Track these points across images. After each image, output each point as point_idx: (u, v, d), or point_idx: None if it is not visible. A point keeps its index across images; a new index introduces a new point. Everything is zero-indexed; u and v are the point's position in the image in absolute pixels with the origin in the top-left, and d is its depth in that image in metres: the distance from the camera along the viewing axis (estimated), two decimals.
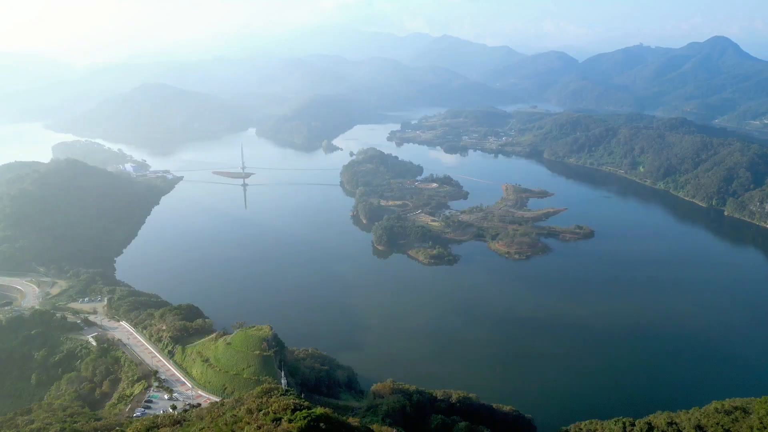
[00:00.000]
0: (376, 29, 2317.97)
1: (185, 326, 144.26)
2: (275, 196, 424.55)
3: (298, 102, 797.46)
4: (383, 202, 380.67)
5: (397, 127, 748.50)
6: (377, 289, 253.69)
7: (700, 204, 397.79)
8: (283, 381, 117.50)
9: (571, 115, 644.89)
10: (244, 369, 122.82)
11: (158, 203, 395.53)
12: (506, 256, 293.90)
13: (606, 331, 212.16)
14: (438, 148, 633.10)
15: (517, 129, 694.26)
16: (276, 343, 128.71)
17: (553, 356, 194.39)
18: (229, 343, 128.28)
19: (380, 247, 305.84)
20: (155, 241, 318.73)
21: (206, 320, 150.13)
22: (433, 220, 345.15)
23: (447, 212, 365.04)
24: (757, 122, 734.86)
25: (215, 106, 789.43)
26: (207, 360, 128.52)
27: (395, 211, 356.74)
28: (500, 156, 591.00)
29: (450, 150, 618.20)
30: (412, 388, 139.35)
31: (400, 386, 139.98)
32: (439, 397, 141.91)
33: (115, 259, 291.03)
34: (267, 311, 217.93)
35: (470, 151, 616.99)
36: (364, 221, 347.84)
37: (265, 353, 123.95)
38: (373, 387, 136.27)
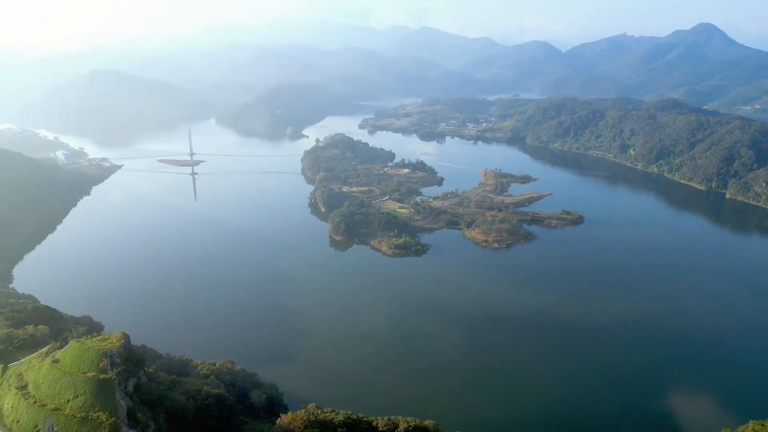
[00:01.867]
0: (353, 22, 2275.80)
1: (10, 336, 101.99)
2: (230, 186, 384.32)
3: (262, 89, 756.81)
4: (345, 189, 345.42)
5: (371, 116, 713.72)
6: (327, 286, 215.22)
7: (698, 187, 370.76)
8: (123, 416, 77.26)
9: (554, 99, 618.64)
10: (69, 400, 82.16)
11: (88, 194, 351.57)
12: (483, 245, 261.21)
13: (603, 331, 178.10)
14: (413, 135, 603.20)
15: (498, 115, 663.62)
16: (127, 360, 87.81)
17: (538, 363, 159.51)
18: (56, 361, 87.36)
19: (338, 238, 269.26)
20: (75, 237, 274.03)
21: (38, 327, 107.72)
22: (402, 207, 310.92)
23: (418, 199, 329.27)
24: (748, 107, 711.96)
25: (173, 93, 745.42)
26: (25, 387, 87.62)
27: (359, 198, 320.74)
28: (480, 143, 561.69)
29: (426, 137, 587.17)
30: (340, 416, 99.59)
31: (325, 415, 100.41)
32: (380, 428, 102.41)
33: (23, 256, 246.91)
34: (186, 318, 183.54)
35: (448, 138, 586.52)
36: (323, 209, 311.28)
37: (103, 375, 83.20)
38: (281, 420, 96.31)
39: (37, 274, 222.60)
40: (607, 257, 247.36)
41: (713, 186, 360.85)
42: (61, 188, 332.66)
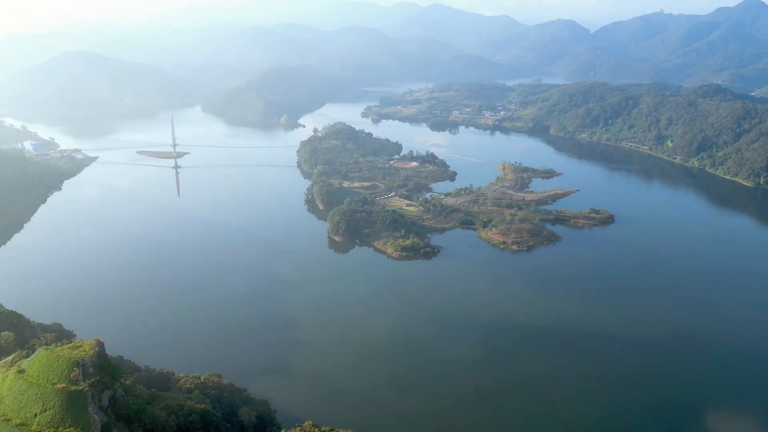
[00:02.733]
0: None
1: None
2: (217, 180, 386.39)
3: (254, 73, 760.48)
4: (346, 184, 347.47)
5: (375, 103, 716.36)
6: (325, 292, 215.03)
7: (744, 183, 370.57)
8: None
9: (582, 84, 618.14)
10: (36, 414, 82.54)
11: (59, 189, 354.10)
12: (501, 246, 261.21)
13: (636, 343, 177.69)
14: (423, 124, 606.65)
15: (518, 102, 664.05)
16: (101, 370, 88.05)
17: (563, 380, 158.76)
18: (22, 371, 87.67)
19: (337, 238, 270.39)
20: (44, 237, 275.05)
21: (2, 334, 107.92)
22: (409, 205, 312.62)
23: (428, 195, 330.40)
24: None
25: (154, 78, 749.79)
26: None
27: (361, 194, 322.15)
28: (497, 133, 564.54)
29: (437, 126, 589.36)
30: None
31: None
32: None
33: None
34: (168, 328, 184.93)
35: (461, 128, 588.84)
36: (321, 207, 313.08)
37: (74, 387, 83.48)
38: None
39: (2, 278, 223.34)
40: (640, 261, 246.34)
41: (761, 182, 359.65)
42: (28, 182, 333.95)
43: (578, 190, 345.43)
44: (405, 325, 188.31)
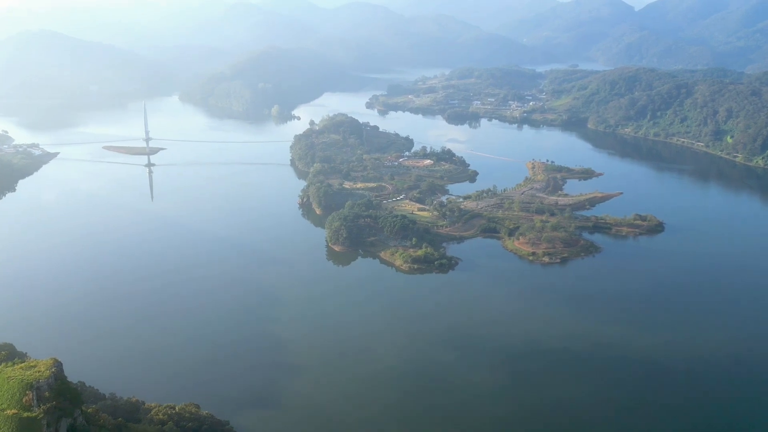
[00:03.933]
0: None
1: None
2: (197, 181, 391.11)
3: (240, 57, 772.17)
4: (348, 185, 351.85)
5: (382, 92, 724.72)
6: (323, 310, 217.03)
7: None
8: None
9: (626, 70, 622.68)
10: None
11: (14, 189, 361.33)
12: (530, 258, 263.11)
13: (691, 372, 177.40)
14: (438, 117, 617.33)
15: (549, 91, 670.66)
16: (59, 394, 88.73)
17: (602, 412, 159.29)
18: None
19: (337, 248, 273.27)
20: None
21: None
22: (422, 209, 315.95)
23: (444, 198, 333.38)
24: None
25: (125, 62, 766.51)
26: None
27: (366, 196, 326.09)
28: (525, 127, 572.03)
29: (455, 119, 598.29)
30: None
31: None
32: None
33: None
34: (138, 351, 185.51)
35: (483, 121, 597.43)
36: (318, 211, 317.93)
37: (27, 414, 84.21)
38: None
39: None
40: (694, 276, 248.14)
41: None
42: None
43: (621, 194, 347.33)
44: (416, 349, 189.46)
